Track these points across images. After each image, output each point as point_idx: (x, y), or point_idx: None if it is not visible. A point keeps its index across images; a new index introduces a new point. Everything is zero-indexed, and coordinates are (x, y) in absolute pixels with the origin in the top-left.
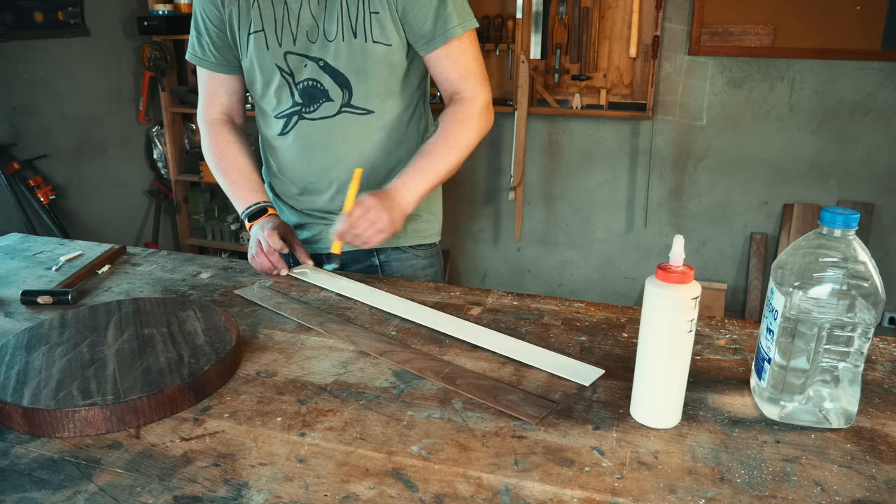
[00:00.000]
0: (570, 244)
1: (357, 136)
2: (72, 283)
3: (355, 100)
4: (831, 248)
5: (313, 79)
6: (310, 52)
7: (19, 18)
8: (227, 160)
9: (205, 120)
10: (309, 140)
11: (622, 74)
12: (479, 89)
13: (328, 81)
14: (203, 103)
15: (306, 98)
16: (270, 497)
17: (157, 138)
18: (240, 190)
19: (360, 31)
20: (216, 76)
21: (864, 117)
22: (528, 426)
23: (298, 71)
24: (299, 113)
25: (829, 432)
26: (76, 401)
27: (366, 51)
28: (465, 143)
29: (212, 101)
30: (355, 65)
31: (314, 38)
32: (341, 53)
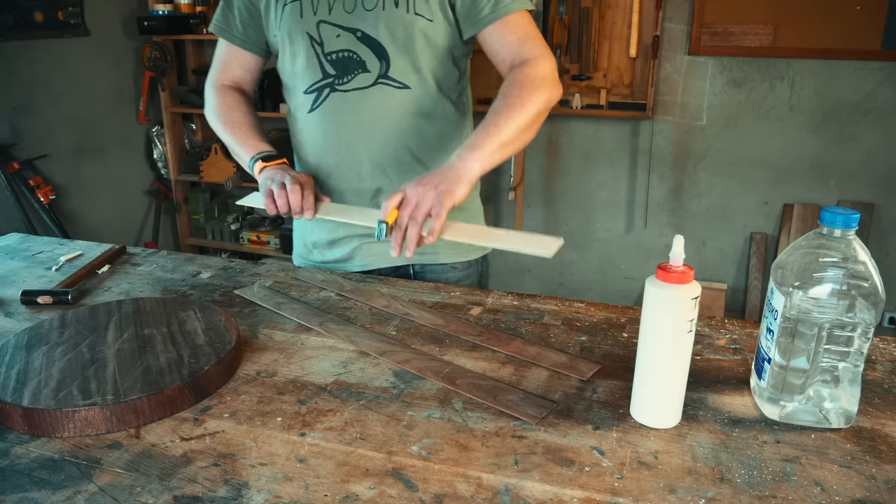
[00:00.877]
0: (570, 244)
1: (391, 110)
2: (72, 283)
3: (392, 71)
4: (831, 248)
5: (348, 49)
6: (346, 23)
7: (19, 18)
8: (234, 116)
9: (213, 84)
10: (340, 113)
11: (622, 74)
12: (541, 52)
13: (365, 51)
14: (215, 70)
15: (340, 69)
16: (270, 497)
17: (157, 138)
18: (249, 140)
19: (402, 2)
20: (234, 50)
21: (864, 117)
22: (528, 426)
23: (329, 41)
24: (331, 85)
25: (829, 432)
26: (76, 401)
27: (406, 22)
28: (536, 102)
29: (224, 70)
30: (394, 35)
31: (351, 9)
32: (380, 23)
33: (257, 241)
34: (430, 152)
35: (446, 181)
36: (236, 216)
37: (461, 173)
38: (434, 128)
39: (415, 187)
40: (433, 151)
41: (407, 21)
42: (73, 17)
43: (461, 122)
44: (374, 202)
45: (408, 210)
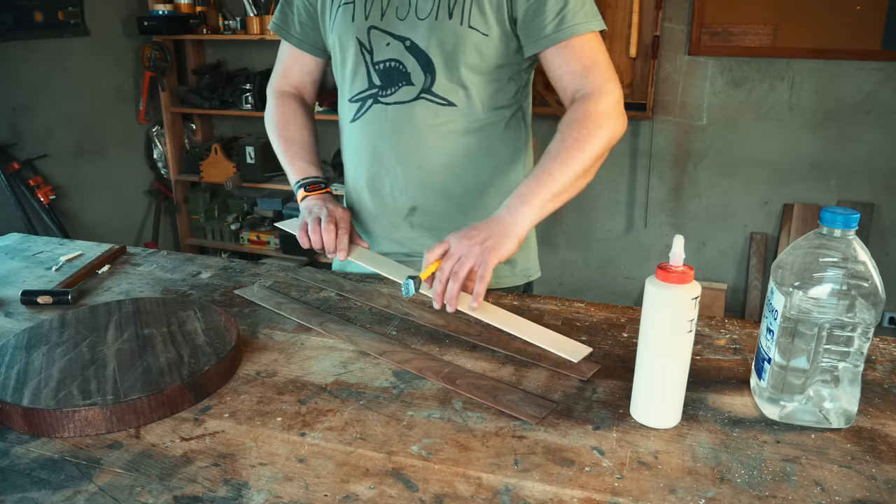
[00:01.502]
0: (570, 244)
1: (432, 127)
2: (72, 283)
3: (437, 87)
4: (831, 248)
5: (395, 59)
6: (396, 31)
7: (19, 18)
8: (290, 130)
9: (273, 90)
10: (380, 127)
11: (622, 74)
12: (606, 83)
13: (411, 63)
14: (276, 74)
15: (385, 80)
16: (270, 497)
17: (157, 138)
18: (299, 161)
19: (456, 13)
20: (294, 51)
21: (864, 117)
22: (528, 426)
23: (379, 49)
24: (375, 96)
25: (829, 432)
26: (76, 401)
27: (459, 35)
28: (591, 146)
29: (285, 74)
30: (443, 48)
31: (403, 16)
32: (431, 34)
33: (257, 241)
34: (475, 170)
35: (493, 237)
36: (236, 216)
37: (509, 228)
38: (479, 145)
39: (460, 240)
40: (478, 169)
41: (459, 34)
42: (73, 17)
43: (514, 138)
44: (409, 221)
45: (450, 263)
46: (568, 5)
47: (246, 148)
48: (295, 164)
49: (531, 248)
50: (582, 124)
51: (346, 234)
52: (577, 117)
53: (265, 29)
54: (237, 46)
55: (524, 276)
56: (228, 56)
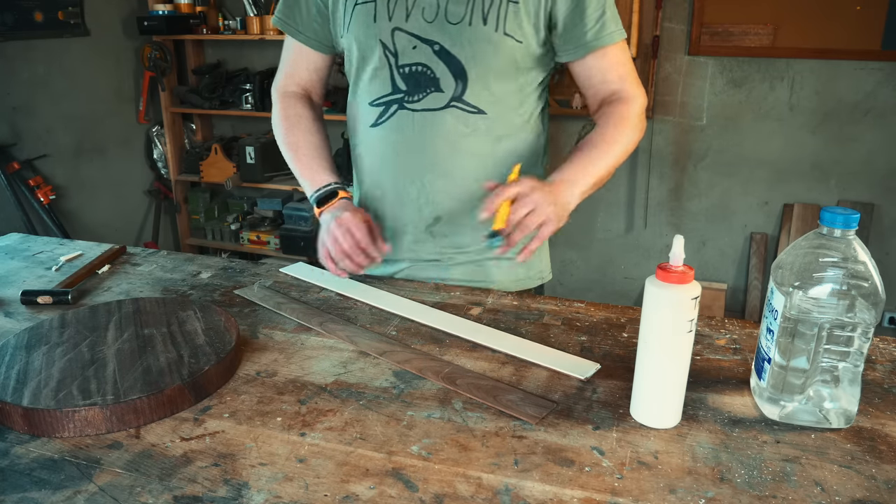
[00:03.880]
0: (570, 244)
1: (462, 137)
2: (72, 283)
3: (468, 95)
4: (831, 248)
5: (423, 64)
6: (423, 33)
7: (19, 18)
8: (296, 135)
9: (278, 90)
10: (406, 133)
11: None
12: (637, 91)
13: (441, 69)
14: (281, 73)
15: (411, 84)
16: (270, 497)
17: (157, 138)
18: (308, 171)
19: (491, 19)
20: (302, 49)
21: (864, 117)
22: (528, 426)
23: (405, 52)
24: (400, 102)
25: (829, 432)
26: (76, 401)
27: (493, 42)
28: (625, 143)
29: (291, 73)
30: (476, 55)
31: (431, 18)
32: (464, 39)
33: (257, 241)
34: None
35: (558, 205)
36: (236, 216)
37: (567, 203)
38: (506, 151)
39: (537, 192)
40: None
41: (495, 41)
42: (73, 17)
43: (536, 140)
44: (431, 230)
45: (523, 211)
46: (605, 14)
47: (246, 148)
48: (304, 176)
49: (545, 248)
50: (621, 123)
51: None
52: (615, 115)
53: (265, 29)
54: (237, 46)
55: (538, 278)
56: (228, 56)
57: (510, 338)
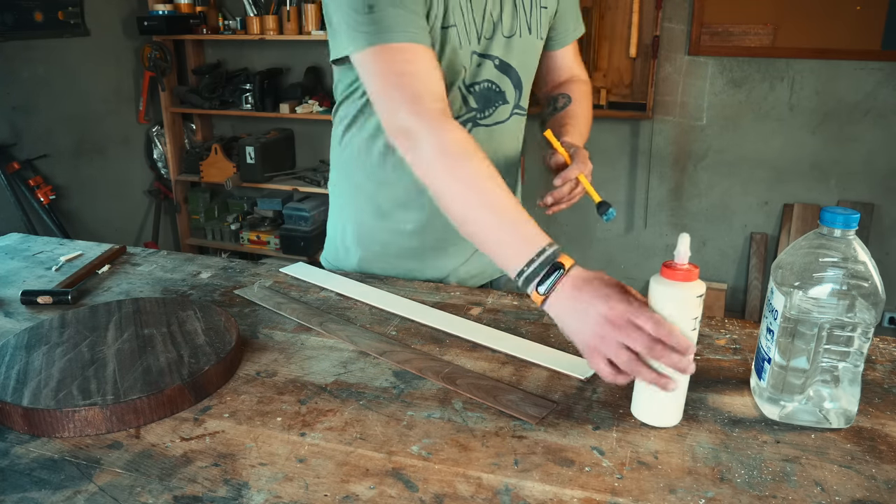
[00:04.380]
0: (570, 244)
1: (520, 139)
2: (72, 283)
3: (522, 100)
4: (831, 248)
5: (489, 80)
6: (484, 50)
7: (19, 18)
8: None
9: (427, 112)
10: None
11: (622, 74)
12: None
13: (504, 82)
14: (414, 90)
15: (481, 102)
16: (270, 497)
17: (157, 138)
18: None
19: (534, 27)
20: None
21: (864, 117)
22: (528, 426)
23: (471, 71)
24: (474, 120)
25: (829, 432)
26: (76, 401)
27: (536, 48)
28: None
29: (429, 86)
30: (527, 63)
31: (490, 35)
32: (516, 50)
33: (257, 241)
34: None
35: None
36: (236, 216)
37: None
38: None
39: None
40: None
41: (535, 47)
42: (73, 17)
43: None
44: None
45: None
46: (577, 12)
47: (246, 148)
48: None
49: None
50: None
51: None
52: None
53: (265, 29)
54: (237, 46)
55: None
56: (228, 56)
57: (510, 338)
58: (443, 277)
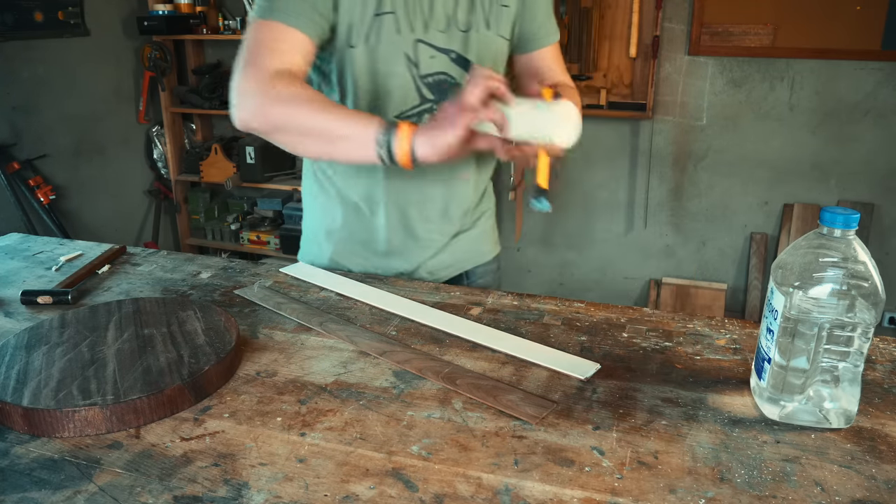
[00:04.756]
0: (570, 244)
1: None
2: (72, 283)
3: None
4: (831, 248)
5: (444, 72)
6: (440, 43)
7: (19, 18)
8: (317, 94)
9: (263, 70)
10: None
11: (622, 74)
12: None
13: (460, 74)
14: (258, 57)
15: (437, 93)
16: (270, 497)
17: (157, 138)
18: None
19: (492, 23)
20: (297, 37)
21: (864, 117)
22: (528, 426)
23: (425, 62)
24: (431, 111)
25: (829, 432)
26: (76, 401)
27: (494, 43)
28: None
29: (280, 57)
30: (484, 58)
31: (444, 28)
32: (474, 45)
33: (257, 241)
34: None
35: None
36: (236, 216)
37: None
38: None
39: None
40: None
41: (494, 42)
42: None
43: None
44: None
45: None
46: (550, 16)
47: (246, 148)
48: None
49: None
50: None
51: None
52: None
53: None
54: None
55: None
56: (228, 56)
57: (510, 338)
58: (413, 270)
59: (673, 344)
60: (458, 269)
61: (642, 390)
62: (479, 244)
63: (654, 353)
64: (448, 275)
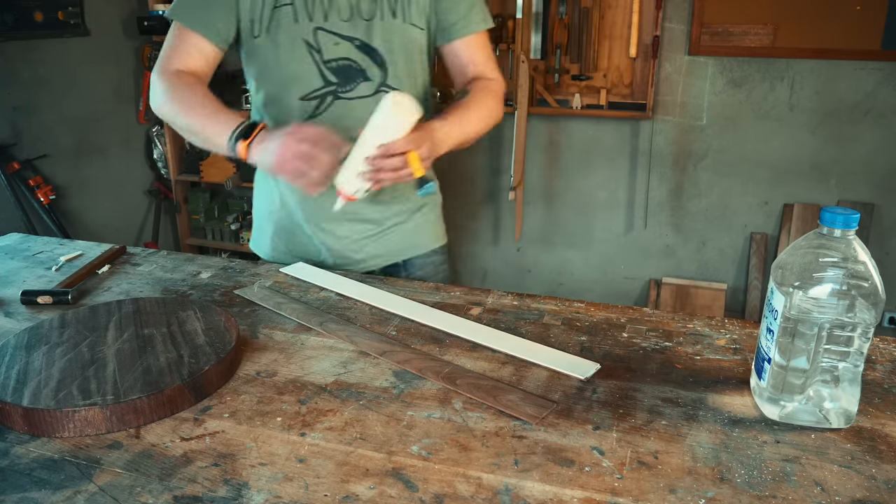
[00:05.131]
0: (570, 244)
1: None
2: (72, 283)
3: (390, 79)
4: (831, 248)
5: (347, 58)
6: (342, 31)
7: (19, 18)
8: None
9: (165, 71)
10: (346, 120)
11: (622, 74)
12: (499, 75)
13: (365, 60)
14: (163, 58)
15: (341, 77)
16: (270, 497)
17: (157, 138)
18: (218, 116)
19: (399, 12)
20: (196, 39)
21: (864, 117)
22: (528, 426)
23: (328, 49)
24: (334, 93)
25: (829, 432)
26: (76, 401)
27: (403, 32)
28: (492, 115)
29: (175, 57)
30: (392, 45)
31: (346, 17)
32: (379, 33)
33: None
34: None
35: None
36: (236, 216)
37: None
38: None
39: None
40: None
41: (404, 31)
42: (73, 17)
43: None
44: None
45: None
46: (475, 5)
47: None
48: (216, 121)
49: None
50: (492, 98)
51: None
52: (488, 88)
53: None
54: None
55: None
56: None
57: (510, 338)
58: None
59: (673, 344)
60: (389, 259)
61: (642, 390)
62: (414, 237)
63: (654, 353)
64: (378, 264)
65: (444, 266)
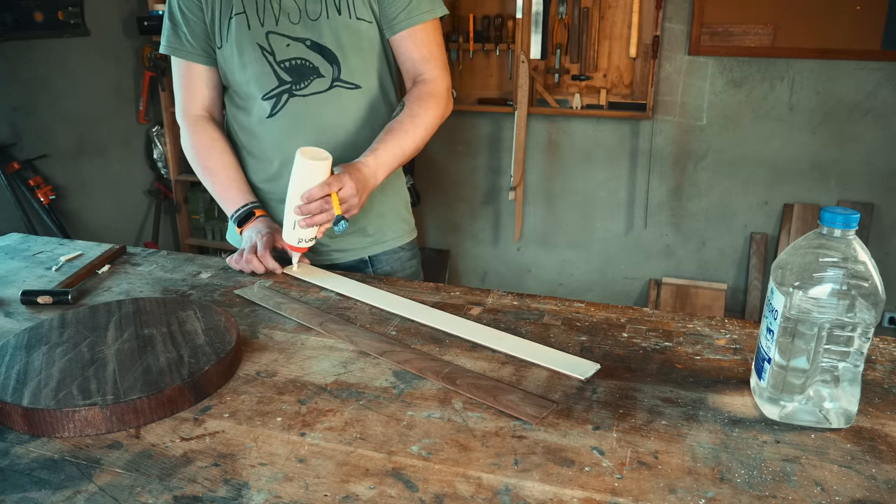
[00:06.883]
0: (570, 244)
1: (349, 110)
2: (72, 283)
3: (344, 74)
4: (831, 248)
5: (300, 58)
6: (293, 34)
7: (19, 18)
8: (213, 160)
9: (186, 117)
10: (302, 117)
11: (622, 74)
12: (440, 73)
13: (317, 58)
14: (182, 99)
15: (295, 76)
16: (270, 497)
17: (157, 138)
18: (228, 192)
19: (343, 9)
20: (195, 68)
21: (864, 117)
22: (528, 426)
23: (280, 50)
24: (289, 91)
25: (829, 432)
26: (76, 401)
27: (350, 27)
28: (429, 122)
29: (192, 95)
30: (341, 41)
31: (296, 20)
32: (327, 31)
33: None
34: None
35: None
36: None
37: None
38: (380, 121)
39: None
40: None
41: (351, 26)
42: (73, 17)
43: (386, 103)
44: None
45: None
46: None
47: None
48: (224, 197)
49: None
50: (425, 104)
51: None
52: (421, 97)
53: None
54: None
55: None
56: None
57: (510, 338)
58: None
59: (673, 344)
60: (357, 253)
61: (642, 390)
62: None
63: (654, 353)
64: (343, 258)
65: (413, 262)
